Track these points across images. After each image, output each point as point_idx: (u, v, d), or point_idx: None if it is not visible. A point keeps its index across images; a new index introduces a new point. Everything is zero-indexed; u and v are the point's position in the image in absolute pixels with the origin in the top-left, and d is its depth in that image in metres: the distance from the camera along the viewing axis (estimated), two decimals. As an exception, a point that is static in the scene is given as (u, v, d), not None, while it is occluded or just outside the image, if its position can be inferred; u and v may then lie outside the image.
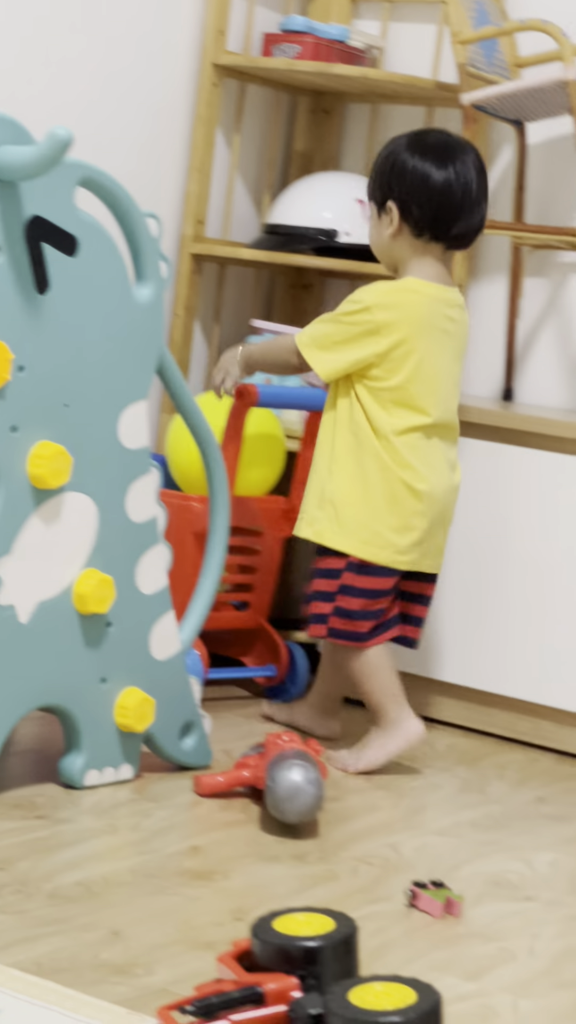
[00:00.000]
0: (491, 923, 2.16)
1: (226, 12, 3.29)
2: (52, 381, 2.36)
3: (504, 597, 3.06)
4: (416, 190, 2.71)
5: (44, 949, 1.89)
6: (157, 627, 2.55)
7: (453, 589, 3.10)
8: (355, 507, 2.75)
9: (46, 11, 2.99)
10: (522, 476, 3.05)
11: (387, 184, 2.73)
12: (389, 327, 2.71)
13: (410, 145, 2.74)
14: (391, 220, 2.74)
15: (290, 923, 1.77)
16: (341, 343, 2.71)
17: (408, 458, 2.73)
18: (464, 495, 3.09)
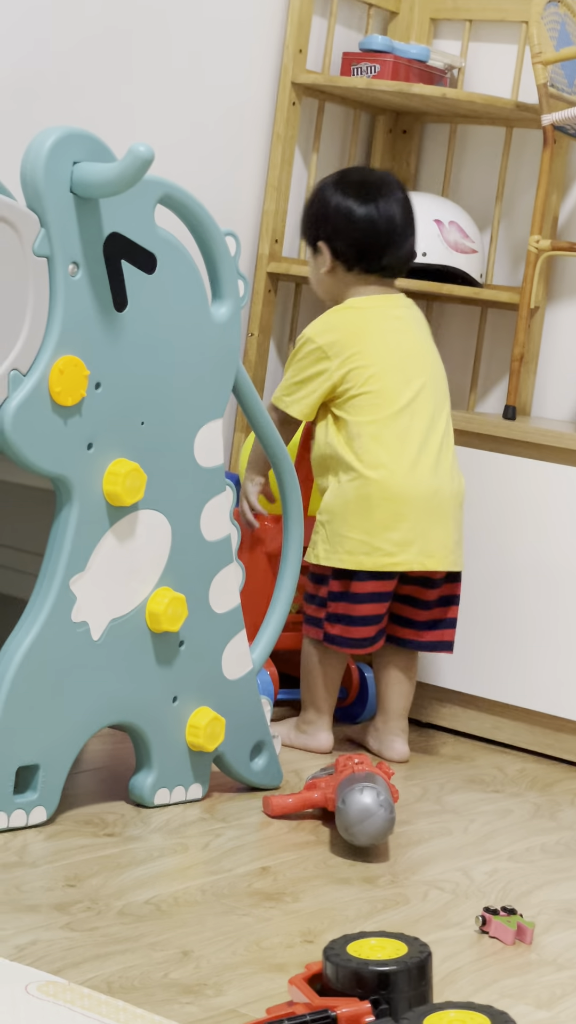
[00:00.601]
0: (563, 951, 2.14)
1: (306, 31, 3.30)
2: (128, 398, 2.36)
3: (573, 618, 3.04)
4: (341, 228, 2.85)
5: (114, 967, 1.88)
6: (229, 647, 2.55)
7: (525, 612, 3.08)
8: (338, 521, 2.82)
9: (127, 28, 3.00)
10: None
11: (316, 224, 2.89)
12: (335, 346, 2.83)
13: (334, 184, 2.89)
14: (324, 258, 2.88)
15: (363, 947, 1.76)
16: (302, 382, 2.85)
17: (374, 456, 2.80)
18: (539, 518, 3.07)
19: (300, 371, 2.85)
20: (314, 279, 2.94)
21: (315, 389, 2.84)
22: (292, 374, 2.87)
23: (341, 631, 2.85)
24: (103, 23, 2.96)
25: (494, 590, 3.10)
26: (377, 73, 3.30)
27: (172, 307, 2.41)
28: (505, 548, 3.10)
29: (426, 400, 2.86)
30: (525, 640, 3.08)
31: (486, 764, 3.00)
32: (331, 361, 2.83)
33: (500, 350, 3.49)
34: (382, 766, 2.53)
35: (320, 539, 2.85)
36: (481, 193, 3.51)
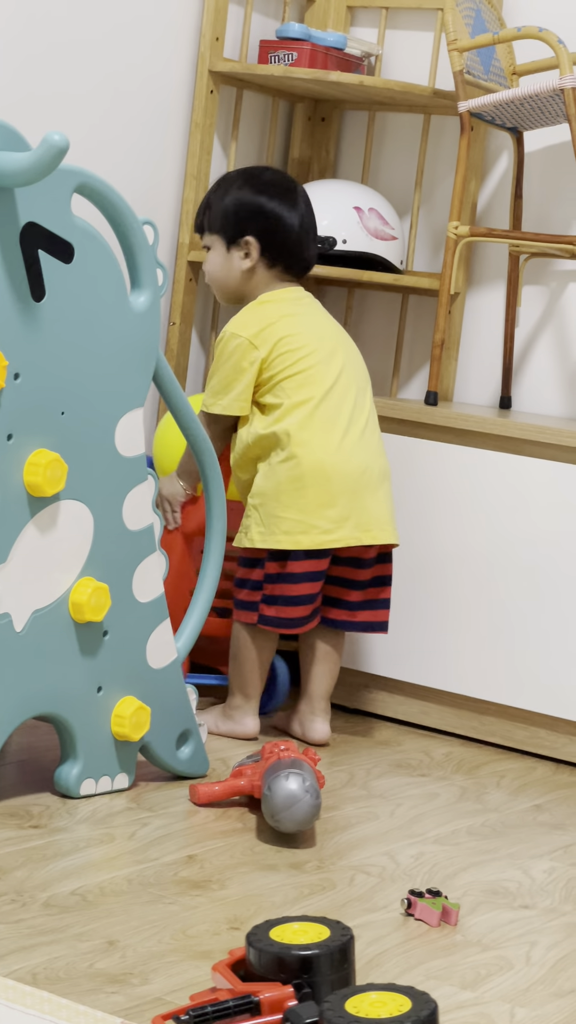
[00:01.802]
0: (488, 931, 2.15)
1: (223, 19, 3.29)
2: (48, 389, 2.36)
3: (502, 605, 3.06)
4: (272, 228, 2.88)
5: (39, 959, 1.88)
6: (153, 636, 2.55)
7: (450, 597, 3.10)
8: (271, 502, 2.83)
9: (41, 16, 2.98)
10: (520, 484, 3.04)
11: (241, 222, 2.88)
12: (261, 335, 2.85)
13: (251, 184, 2.91)
14: (247, 254, 2.88)
15: (286, 932, 1.77)
16: (236, 378, 2.84)
17: (302, 435, 2.82)
18: (461, 503, 3.09)
19: (232, 368, 2.84)
20: (222, 273, 2.91)
21: (250, 382, 2.85)
22: (223, 373, 2.85)
23: (277, 612, 2.86)
24: (18, 10, 2.94)
25: (418, 575, 3.12)
26: (294, 61, 3.30)
27: (91, 297, 2.40)
28: (429, 533, 3.11)
29: (348, 381, 2.89)
30: (450, 625, 3.10)
31: (413, 748, 3.02)
32: (258, 350, 2.84)
33: (421, 336, 3.51)
34: (308, 752, 2.54)
35: (253, 522, 2.85)
36: (400, 180, 3.52)
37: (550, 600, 3.01)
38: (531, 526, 3.03)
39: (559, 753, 3.03)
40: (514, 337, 3.38)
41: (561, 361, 3.39)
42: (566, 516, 3.00)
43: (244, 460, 2.88)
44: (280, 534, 2.83)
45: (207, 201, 2.93)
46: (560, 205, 3.36)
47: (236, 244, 2.89)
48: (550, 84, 2.99)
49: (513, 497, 3.05)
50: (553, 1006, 1.94)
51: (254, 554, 2.87)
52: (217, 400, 2.86)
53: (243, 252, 2.88)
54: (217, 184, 2.94)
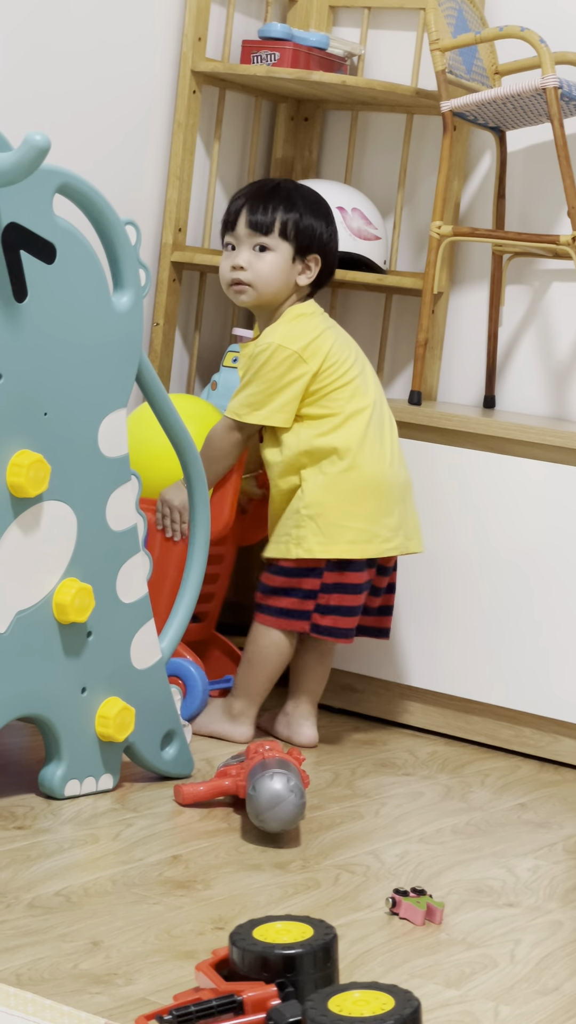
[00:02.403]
0: (472, 930, 2.16)
1: (205, 19, 3.29)
2: (30, 389, 2.35)
3: (485, 604, 3.06)
4: (333, 259, 2.94)
5: (24, 960, 1.88)
6: (137, 636, 2.54)
7: (434, 596, 3.10)
8: (334, 512, 2.83)
9: (24, 17, 2.98)
10: (503, 484, 3.05)
11: (318, 242, 2.90)
12: (310, 348, 2.85)
13: (327, 212, 2.94)
14: (306, 270, 2.90)
15: (269, 931, 1.77)
16: (280, 390, 2.85)
17: (361, 446, 2.85)
18: (444, 502, 3.09)
19: (276, 380, 2.83)
20: (280, 278, 2.88)
21: (297, 394, 2.85)
22: (266, 384, 2.84)
23: (334, 622, 2.87)
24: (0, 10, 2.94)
25: (403, 574, 3.12)
26: (277, 61, 3.30)
27: (73, 297, 2.40)
28: (413, 533, 3.11)
29: (381, 392, 2.95)
30: (435, 624, 3.10)
31: (397, 748, 3.02)
32: (308, 364, 2.84)
33: (405, 336, 3.51)
34: (293, 752, 2.54)
35: (309, 532, 2.84)
36: (383, 180, 3.53)
37: (535, 599, 3.02)
38: (516, 525, 3.04)
39: (544, 752, 3.03)
40: (497, 336, 3.39)
41: (545, 360, 3.39)
42: (550, 515, 3.01)
43: (289, 469, 2.87)
44: (345, 543, 2.84)
45: (279, 208, 2.89)
46: (543, 204, 3.37)
47: (303, 259, 2.89)
48: (532, 83, 3.00)
49: (497, 496, 3.05)
50: (537, 1004, 1.94)
51: (309, 564, 2.85)
52: (254, 410, 2.85)
53: (304, 266, 2.90)
54: (288, 191, 2.91)
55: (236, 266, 2.88)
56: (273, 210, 2.89)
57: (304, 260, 2.90)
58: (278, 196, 2.90)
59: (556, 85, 2.98)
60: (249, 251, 2.88)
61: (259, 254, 2.88)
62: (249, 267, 2.88)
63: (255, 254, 2.88)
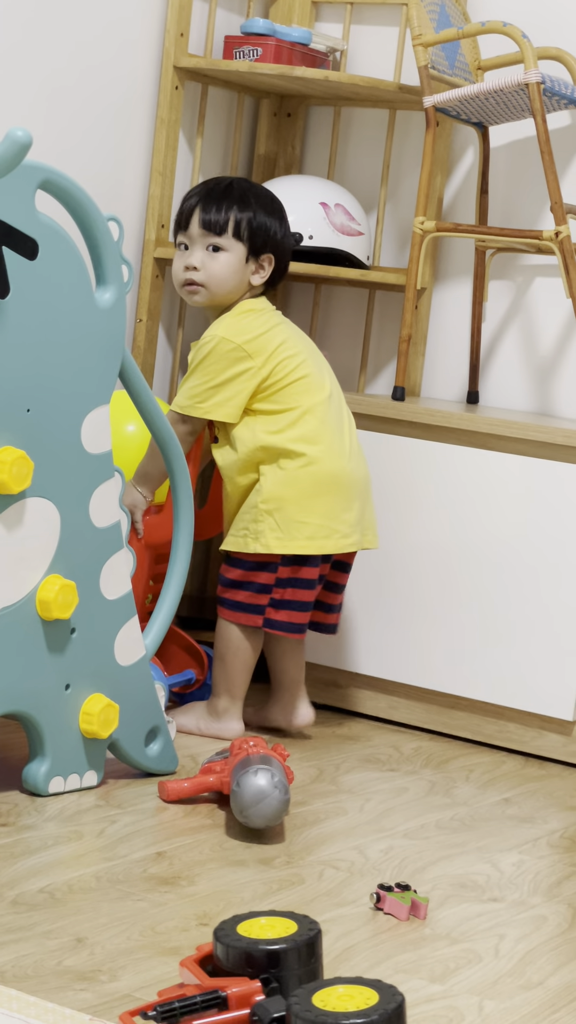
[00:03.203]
0: (457, 925, 2.16)
1: (187, 15, 3.29)
2: (13, 385, 2.35)
3: (468, 599, 3.06)
4: (283, 256, 2.92)
5: (7, 956, 1.87)
6: (121, 633, 2.54)
7: (417, 592, 3.10)
8: (292, 507, 2.83)
9: (4, 13, 2.97)
10: (487, 479, 3.05)
11: (272, 240, 2.90)
12: (255, 343, 2.84)
13: (280, 210, 2.93)
14: (260, 269, 2.89)
15: (253, 927, 1.77)
16: (222, 384, 2.83)
17: (319, 441, 2.84)
18: (428, 498, 3.09)
19: (218, 373, 2.83)
20: (234, 278, 2.87)
21: (240, 389, 2.83)
22: (207, 377, 2.83)
23: (288, 616, 2.87)
24: (-19, 8, 2.93)
25: (386, 570, 3.12)
26: (259, 56, 3.29)
27: (55, 293, 2.39)
28: (397, 528, 3.12)
29: (336, 387, 2.94)
30: (419, 620, 3.10)
31: (382, 743, 3.02)
32: (254, 359, 2.83)
33: (388, 331, 3.51)
34: (277, 748, 2.54)
35: (267, 527, 2.83)
36: (366, 175, 3.53)
37: (518, 594, 3.02)
38: (499, 520, 3.04)
39: (528, 747, 3.04)
40: (481, 332, 3.39)
41: (528, 356, 3.39)
42: (533, 510, 3.01)
43: (246, 464, 2.86)
44: (303, 539, 2.83)
45: (233, 207, 2.88)
46: (526, 199, 3.37)
47: (256, 259, 2.89)
48: (515, 79, 3.00)
49: (480, 492, 3.05)
50: (521, 998, 1.94)
51: (265, 558, 2.85)
52: (196, 403, 2.84)
53: (257, 266, 2.89)
54: (241, 191, 2.90)
55: (189, 266, 2.88)
56: (227, 209, 2.88)
57: (258, 260, 2.89)
58: (232, 195, 2.89)
59: (539, 80, 2.98)
60: (202, 251, 2.88)
61: (212, 254, 2.88)
62: (202, 267, 2.87)
63: (208, 254, 2.88)
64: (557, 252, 3.04)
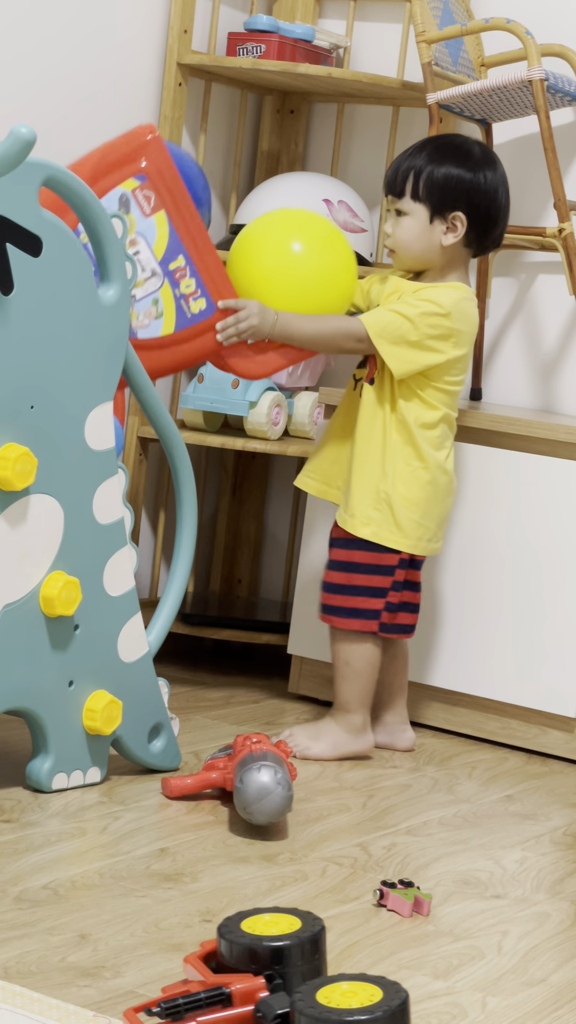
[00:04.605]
0: (460, 921, 2.16)
1: (191, 11, 3.29)
2: (17, 382, 2.35)
3: (473, 597, 3.06)
4: (488, 213, 2.78)
5: (11, 953, 1.88)
6: (125, 629, 2.54)
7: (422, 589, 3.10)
8: (411, 508, 2.80)
9: (9, 9, 2.98)
10: (490, 476, 3.05)
11: (463, 194, 2.76)
12: (462, 336, 2.77)
13: (477, 159, 2.77)
14: (452, 229, 2.77)
15: (257, 923, 1.77)
16: (416, 344, 2.73)
17: (443, 449, 2.82)
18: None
19: (419, 333, 2.72)
20: (422, 243, 2.77)
21: (425, 359, 2.73)
22: (407, 329, 2.71)
23: (406, 619, 2.86)
24: (-15, 5, 2.93)
25: (389, 567, 3.12)
26: (263, 53, 3.29)
27: (59, 290, 2.40)
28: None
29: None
30: (422, 616, 3.10)
31: (385, 740, 3.02)
32: (456, 347, 2.75)
33: (392, 328, 3.50)
34: (280, 745, 2.55)
35: (382, 518, 2.78)
36: (369, 172, 3.52)
37: (522, 591, 3.02)
38: (502, 517, 3.04)
39: (531, 744, 3.04)
40: (484, 329, 3.39)
41: (531, 353, 3.39)
42: (536, 507, 3.01)
43: (381, 436, 2.78)
44: (427, 542, 2.82)
45: (414, 164, 2.77)
46: (529, 197, 3.37)
47: (444, 218, 2.77)
48: (518, 76, 3.00)
49: (483, 489, 3.05)
50: (524, 995, 1.94)
51: (387, 560, 2.80)
52: (384, 338, 2.70)
53: (447, 225, 2.77)
54: (423, 145, 2.80)
55: (385, 233, 2.82)
56: (404, 169, 2.76)
57: (445, 219, 2.77)
58: (413, 152, 2.78)
59: (542, 77, 2.98)
60: (393, 216, 2.80)
61: (398, 219, 2.79)
62: (392, 233, 2.79)
63: (395, 219, 2.79)
64: (560, 249, 3.04)
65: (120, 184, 2.59)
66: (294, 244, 2.73)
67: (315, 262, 2.73)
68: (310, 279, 2.73)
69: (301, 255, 2.72)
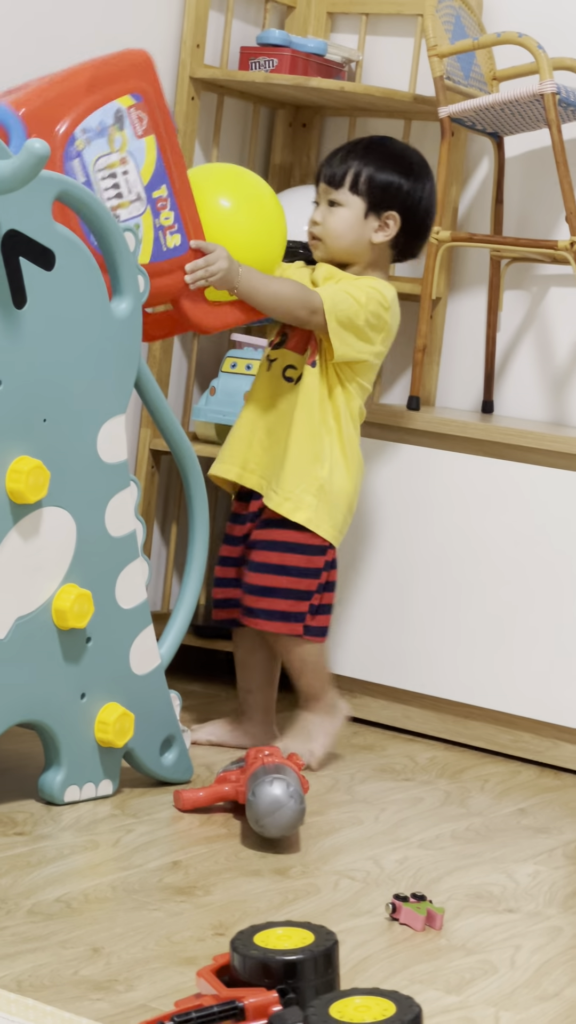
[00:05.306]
0: (472, 935, 2.16)
1: (203, 26, 3.30)
2: (30, 395, 2.36)
3: (483, 609, 3.06)
4: (418, 219, 2.84)
5: (24, 966, 1.88)
6: (137, 642, 2.55)
7: (432, 601, 3.10)
8: (342, 500, 2.81)
9: (22, 24, 2.99)
10: (502, 488, 3.05)
11: (399, 197, 2.81)
12: (390, 334, 2.81)
13: (418, 169, 2.83)
14: (383, 228, 2.81)
15: (270, 937, 1.77)
16: (361, 331, 2.76)
17: (358, 444, 2.84)
18: (443, 507, 3.10)
19: (365, 320, 2.74)
20: (352, 234, 2.80)
21: (363, 349, 2.76)
22: (356, 314, 2.72)
23: (323, 621, 2.86)
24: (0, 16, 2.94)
25: (399, 579, 3.12)
26: (275, 67, 3.30)
27: (72, 303, 2.40)
28: (410, 537, 3.12)
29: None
30: (432, 628, 3.10)
31: (397, 753, 3.02)
32: (384, 343, 2.79)
33: (403, 341, 3.51)
34: (292, 758, 2.54)
35: (320, 504, 2.78)
36: (381, 185, 3.52)
37: (534, 603, 3.02)
38: (513, 530, 3.04)
39: (543, 757, 3.03)
40: (496, 341, 3.39)
41: (543, 365, 3.40)
42: (547, 520, 3.01)
43: (320, 422, 2.78)
44: (337, 532, 2.81)
45: (357, 160, 2.80)
46: (540, 209, 3.37)
47: (379, 216, 2.80)
48: (530, 89, 3.00)
49: (495, 501, 3.05)
50: (537, 1009, 1.94)
51: (327, 558, 2.81)
52: (335, 319, 2.70)
53: (380, 223, 2.80)
54: (370, 144, 2.84)
55: (312, 221, 2.84)
56: (347, 162, 2.81)
57: (380, 217, 2.80)
58: (357, 149, 2.82)
59: (554, 91, 2.98)
60: (324, 206, 2.83)
61: (331, 209, 2.82)
62: (322, 222, 2.82)
63: (328, 209, 2.82)
64: (572, 262, 3.04)
65: (116, 99, 2.52)
66: (222, 200, 2.72)
67: (246, 217, 2.72)
68: (244, 233, 2.71)
69: (231, 210, 2.72)
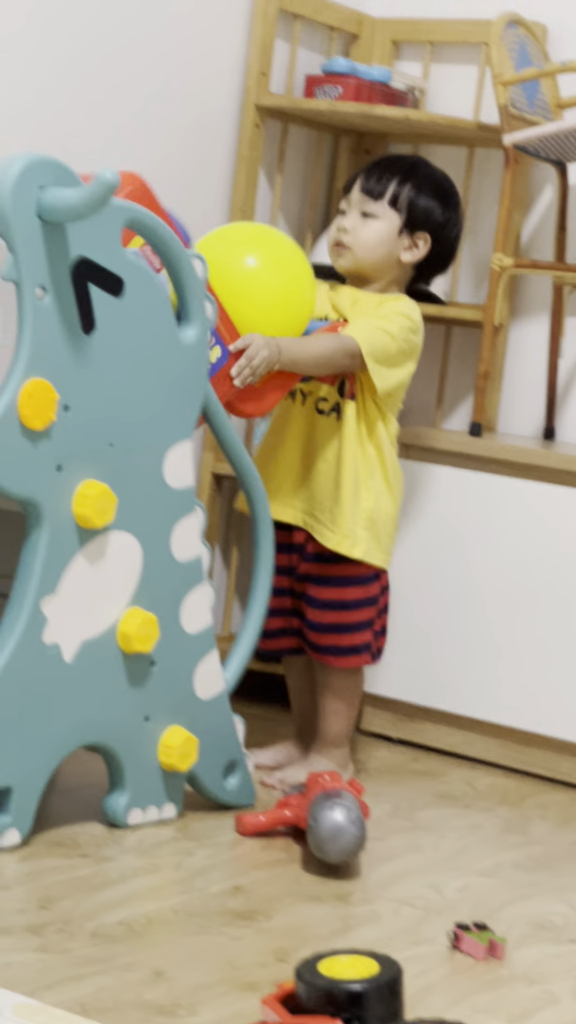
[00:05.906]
0: (534, 965, 2.15)
1: (269, 54, 3.32)
2: (97, 420, 2.38)
3: (544, 635, 3.06)
4: (446, 246, 2.88)
5: (88, 989, 1.89)
6: (201, 666, 2.56)
7: (492, 627, 3.10)
8: (390, 524, 2.82)
9: (90, 52, 3.02)
10: (563, 514, 3.05)
11: (432, 221, 2.84)
12: (418, 351, 2.83)
13: (453, 199, 2.88)
14: (413, 247, 2.84)
15: (335, 965, 1.77)
16: (396, 360, 2.78)
17: (397, 461, 2.85)
18: (507, 533, 3.09)
19: (398, 348, 2.76)
20: (384, 248, 2.81)
21: (401, 375, 2.78)
22: (390, 346, 2.74)
23: (382, 642, 2.89)
24: (67, 46, 2.97)
25: (459, 605, 3.12)
26: (340, 95, 3.32)
27: (140, 329, 2.42)
28: (470, 564, 3.12)
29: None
30: (492, 655, 3.10)
31: (456, 779, 3.02)
32: (415, 362, 2.82)
33: (465, 367, 3.52)
34: (353, 783, 2.55)
35: (371, 537, 2.79)
36: (445, 212, 3.53)
37: (594, 632, 3.01)
38: (574, 556, 3.03)
39: (603, 785, 3.03)
40: (558, 368, 3.39)
41: (605, 393, 3.39)
42: (611, 548, 3.00)
43: (363, 454, 2.78)
44: (388, 556, 2.83)
45: (401, 178, 2.83)
46: (604, 237, 3.37)
47: (411, 235, 2.83)
48: (595, 118, 3.00)
49: (556, 527, 3.05)
50: (600, 1041, 1.94)
51: (380, 583, 2.84)
52: (373, 357, 2.72)
53: (411, 242, 2.83)
54: (412, 165, 2.87)
55: (342, 228, 2.84)
56: (389, 179, 2.84)
57: (412, 236, 2.83)
58: (399, 166, 2.85)
59: (619, 120, 2.98)
60: (357, 215, 2.83)
61: (364, 220, 2.83)
62: (353, 230, 2.82)
63: (361, 219, 2.83)
64: None
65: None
66: (248, 259, 2.70)
67: (277, 276, 2.71)
68: (277, 293, 2.70)
69: (259, 269, 2.70)
